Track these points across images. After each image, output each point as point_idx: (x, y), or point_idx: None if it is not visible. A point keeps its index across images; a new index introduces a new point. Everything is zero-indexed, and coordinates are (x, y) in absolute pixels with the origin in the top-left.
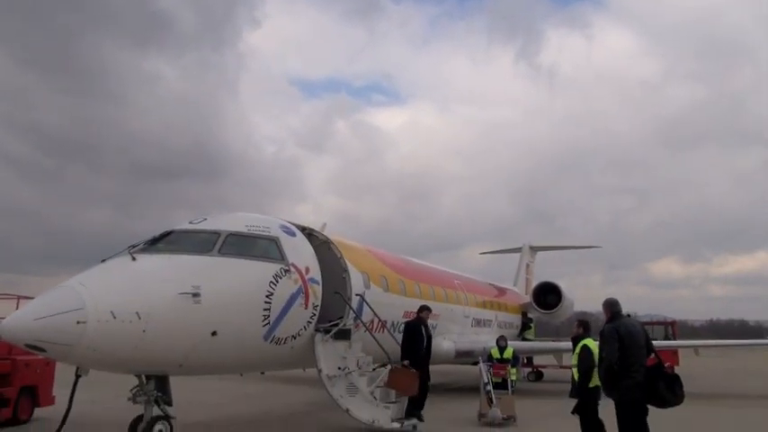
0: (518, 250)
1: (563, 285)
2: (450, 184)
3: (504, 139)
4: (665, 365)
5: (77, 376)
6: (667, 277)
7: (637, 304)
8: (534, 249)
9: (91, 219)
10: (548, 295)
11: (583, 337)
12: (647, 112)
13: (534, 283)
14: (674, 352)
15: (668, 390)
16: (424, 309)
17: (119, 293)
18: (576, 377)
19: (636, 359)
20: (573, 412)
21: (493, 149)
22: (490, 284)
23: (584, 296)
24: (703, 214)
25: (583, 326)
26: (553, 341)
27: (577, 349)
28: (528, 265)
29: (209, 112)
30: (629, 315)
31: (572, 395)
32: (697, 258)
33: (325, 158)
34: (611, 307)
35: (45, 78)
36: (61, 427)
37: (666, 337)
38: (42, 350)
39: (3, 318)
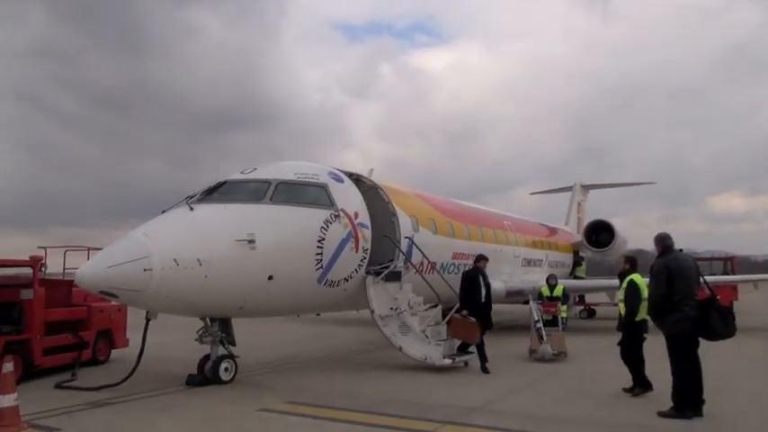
0: (569, 189)
1: (616, 223)
2: (498, 124)
3: (554, 75)
4: (717, 299)
5: (147, 320)
6: (728, 212)
7: (696, 241)
8: (586, 188)
9: (145, 171)
10: (600, 233)
11: (629, 273)
12: (708, 39)
13: (586, 222)
14: (732, 287)
15: (721, 322)
16: (482, 258)
17: (180, 242)
18: (622, 312)
19: (687, 293)
20: (619, 344)
21: (542, 86)
22: (541, 224)
23: (639, 234)
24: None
25: (629, 262)
26: (604, 279)
27: (624, 284)
28: (579, 204)
29: (253, 61)
30: (681, 250)
31: (619, 329)
32: (760, 191)
33: (370, 104)
34: (663, 241)
35: (95, 38)
36: (136, 366)
37: (725, 273)
38: (115, 296)
39: (76, 268)
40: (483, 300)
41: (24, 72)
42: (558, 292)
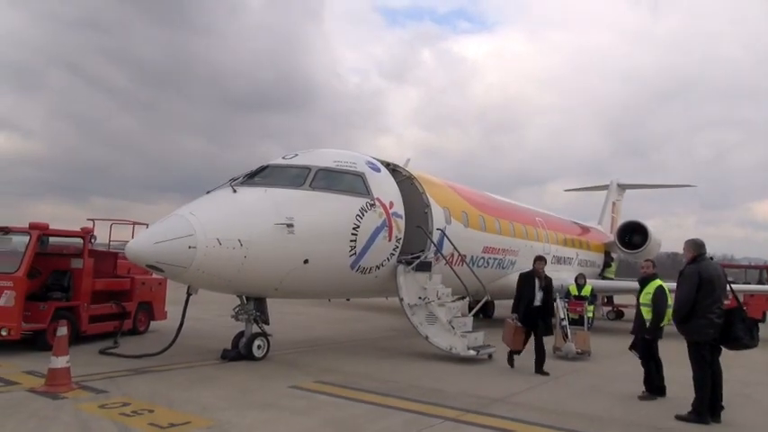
0: (605, 188)
1: (650, 225)
2: (537, 115)
3: (597, 67)
4: (744, 309)
5: (188, 294)
6: None
7: (734, 246)
8: (622, 187)
9: (185, 148)
10: (633, 235)
11: (653, 277)
12: (762, 34)
13: (620, 222)
14: (767, 298)
15: (746, 332)
16: (539, 259)
17: (223, 223)
18: (647, 316)
19: (715, 300)
20: (631, 348)
21: (585, 78)
22: (574, 222)
23: (677, 236)
24: None
25: (653, 264)
26: (634, 281)
27: (651, 289)
28: (614, 204)
29: (294, 41)
30: (711, 258)
31: (639, 332)
32: None
33: (408, 89)
34: (698, 248)
35: (139, 11)
36: (176, 338)
37: (761, 282)
38: (161, 270)
39: (122, 241)
40: (539, 303)
41: (71, 41)
42: (585, 291)
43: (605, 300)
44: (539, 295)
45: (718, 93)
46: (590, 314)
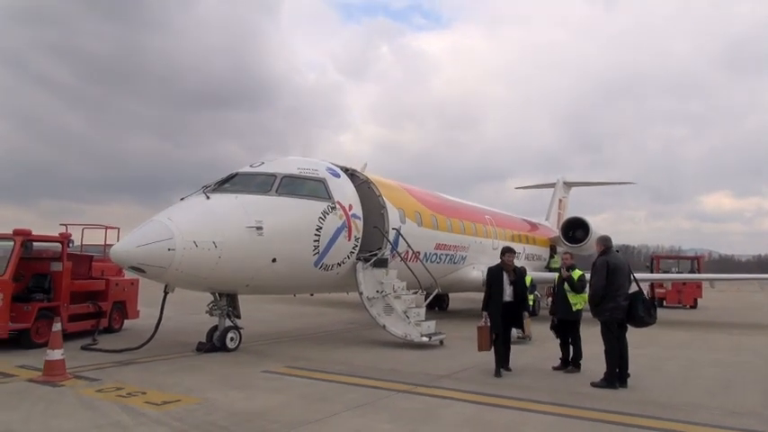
0: (553, 185)
1: (591, 221)
2: (494, 111)
3: (552, 63)
4: (643, 292)
5: (165, 293)
6: (717, 211)
7: (682, 237)
8: (568, 185)
9: (137, 147)
10: (576, 230)
11: (573, 268)
12: (711, 31)
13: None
14: (698, 285)
15: (645, 312)
16: (507, 251)
17: (199, 226)
18: (571, 300)
19: (620, 286)
20: (552, 329)
21: (540, 74)
22: (523, 220)
23: (628, 229)
24: (763, 145)
25: (571, 256)
26: None
27: (576, 277)
28: (561, 200)
29: (250, 36)
30: (617, 251)
31: (552, 313)
32: (751, 192)
33: (366, 85)
34: (605, 242)
35: (87, 4)
36: (154, 333)
37: (692, 271)
38: (142, 271)
39: (96, 245)
40: (509, 299)
41: (13, 36)
42: (527, 282)
43: (553, 290)
44: (508, 290)
45: (667, 87)
46: (530, 302)
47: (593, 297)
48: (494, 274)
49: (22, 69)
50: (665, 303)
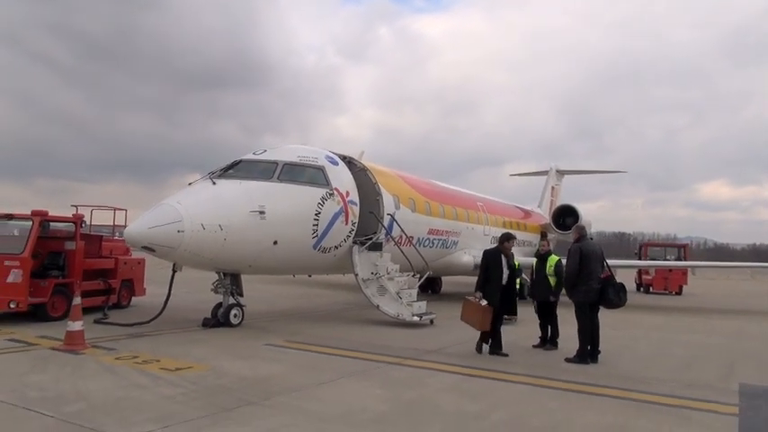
0: (546, 173)
1: (581, 208)
2: (493, 95)
3: (552, 48)
4: (614, 277)
5: (174, 272)
6: (714, 200)
7: (678, 226)
8: (561, 173)
9: (134, 126)
10: (566, 217)
11: (550, 253)
12: (713, 18)
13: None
14: (683, 272)
15: (615, 295)
16: (508, 238)
17: (206, 210)
18: (552, 282)
19: (592, 271)
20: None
21: (541, 58)
22: (515, 207)
23: (624, 216)
24: (763, 135)
25: (549, 243)
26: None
27: (552, 262)
28: (553, 188)
29: (247, 16)
30: (591, 238)
31: (531, 295)
32: (749, 181)
33: (365, 68)
34: (581, 231)
35: None
36: (163, 308)
37: (678, 259)
38: (153, 251)
39: (105, 225)
40: (504, 283)
41: (9, 12)
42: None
43: (532, 274)
44: (506, 273)
45: (667, 74)
46: (517, 286)
47: (568, 279)
48: (493, 257)
49: (17, 46)
50: (651, 290)
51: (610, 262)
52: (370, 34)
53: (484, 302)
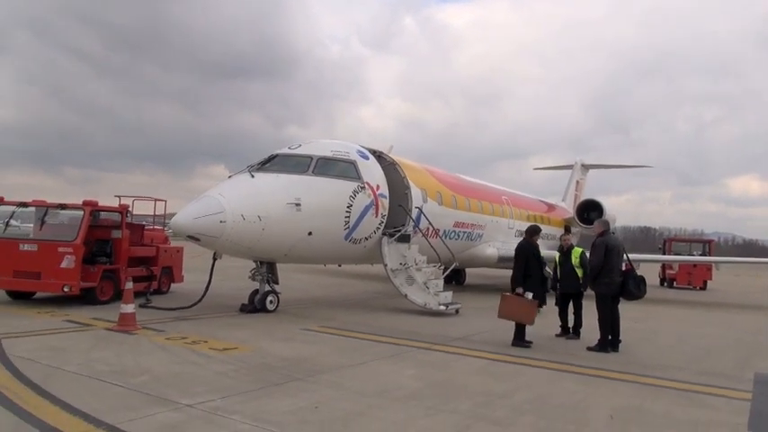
0: (570, 167)
1: (605, 203)
2: (519, 88)
3: (581, 40)
4: (635, 270)
5: (214, 259)
6: (744, 195)
7: (708, 221)
8: (586, 167)
9: (160, 116)
10: (591, 212)
11: (573, 246)
12: (749, 8)
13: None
14: (707, 267)
15: (635, 286)
16: (535, 232)
17: (246, 202)
18: (579, 274)
19: (615, 265)
20: (556, 303)
21: (568, 50)
22: (540, 200)
23: (651, 211)
24: None
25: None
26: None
27: (577, 254)
28: (578, 182)
29: (273, 6)
30: (614, 233)
31: (553, 287)
32: None
33: (390, 58)
34: (605, 225)
35: None
36: (204, 294)
37: (704, 254)
38: (198, 240)
39: (145, 215)
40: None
41: (41, 3)
42: None
43: (555, 266)
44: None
45: (700, 66)
46: None
47: (592, 271)
48: (531, 250)
49: (48, 37)
50: (675, 284)
51: (631, 256)
52: (394, 25)
53: (529, 296)
